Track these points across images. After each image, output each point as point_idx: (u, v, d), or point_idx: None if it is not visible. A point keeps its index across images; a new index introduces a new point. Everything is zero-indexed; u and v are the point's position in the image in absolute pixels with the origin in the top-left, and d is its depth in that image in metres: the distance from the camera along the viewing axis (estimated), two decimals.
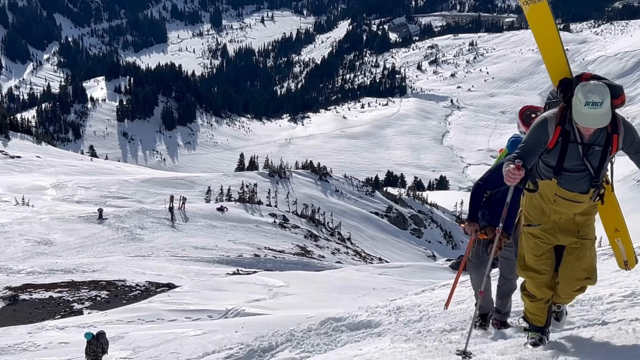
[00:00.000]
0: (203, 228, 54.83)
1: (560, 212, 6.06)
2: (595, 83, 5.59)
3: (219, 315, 21.77)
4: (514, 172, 5.66)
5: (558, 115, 5.83)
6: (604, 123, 5.53)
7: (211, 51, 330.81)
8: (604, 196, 6.10)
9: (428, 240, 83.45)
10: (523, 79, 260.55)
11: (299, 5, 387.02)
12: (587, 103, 5.42)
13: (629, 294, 7.78)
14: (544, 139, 5.83)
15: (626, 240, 6.69)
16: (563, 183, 5.90)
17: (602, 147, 5.76)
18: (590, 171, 5.83)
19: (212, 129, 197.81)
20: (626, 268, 6.79)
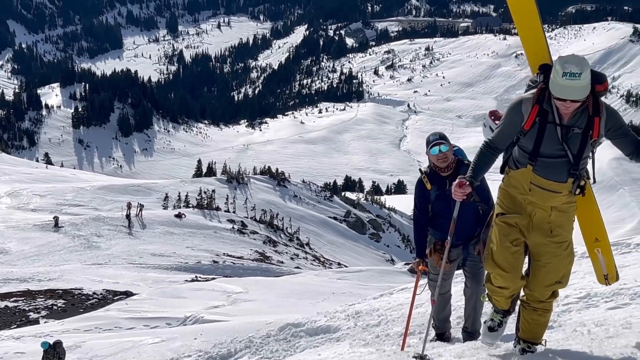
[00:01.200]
0: (161, 235, 54.47)
1: (535, 204, 5.66)
2: (575, 54, 5.29)
3: (177, 323, 21.65)
4: (461, 190, 5.62)
5: (536, 94, 5.52)
6: (581, 95, 5.18)
7: (167, 57, 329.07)
8: (584, 189, 5.69)
9: (386, 244, 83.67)
10: (479, 83, 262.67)
11: (255, 10, 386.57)
12: (565, 74, 5.10)
13: (584, 296, 7.87)
14: (518, 122, 5.53)
15: (607, 252, 6.28)
16: (539, 170, 5.53)
17: (583, 130, 5.42)
18: (569, 157, 5.46)
19: (169, 135, 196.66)
20: (606, 283, 6.41)
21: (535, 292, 5.79)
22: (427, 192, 7.29)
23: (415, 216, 7.55)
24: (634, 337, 5.94)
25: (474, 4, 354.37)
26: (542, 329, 5.95)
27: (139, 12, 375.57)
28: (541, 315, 5.89)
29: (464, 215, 6.86)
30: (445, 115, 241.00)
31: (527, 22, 6.19)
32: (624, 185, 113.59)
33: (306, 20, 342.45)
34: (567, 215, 5.74)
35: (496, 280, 5.87)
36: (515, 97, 5.78)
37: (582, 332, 6.49)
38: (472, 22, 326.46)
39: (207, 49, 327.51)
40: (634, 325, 6.37)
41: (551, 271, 5.71)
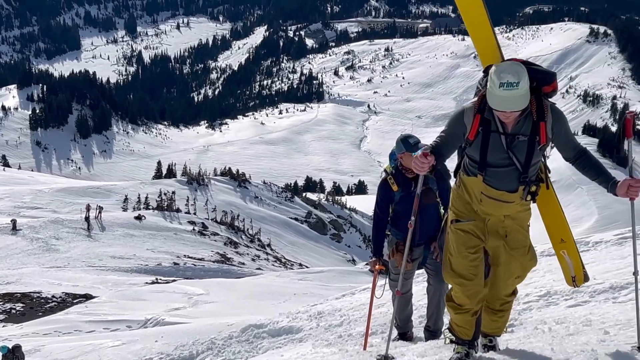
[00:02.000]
0: (120, 237, 54.07)
1: (487, 214, 5.54)
2: (511, 62, 5.12)
3: (138, 325, 21.50)
4: (422, 160, 5.28)
5: (477, 103, 5.32)
6: (520, 105, 4.99)
7: (126, 58, 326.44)
8: (536, 194, 5.51)
9: (348, 244, 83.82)
10: (438, 83, 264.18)
11: (214, 11, 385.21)
12: (502, 84, 4.91)
13: (544, 294, 7.93)
14: (460, 131, 5.37)
15: (573, 253, 6.19)
16: (489, 180, 5.37)
17: (528, 137, 5.22)
18: (517, 165, 5.28)
19: (129, 136, 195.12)
20: (574, 285, 6.34)
21: (495, 289, 5.71)
22: (391, 193, 7.25)
23: (375, 215, 7.45)
24: (594, 334, 6.00)
25: (433, 5, 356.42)
26: (503, 324, 5.97)
27: (97, 13, 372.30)
28: (501, 317, 5.88)
29: (426, 216, 7.02)
30: (405, 115, 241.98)
31: (475, 20, 6.03)
32: (581, 184, 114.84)
33: (266, 21, 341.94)
34: (521, 222, 5.65)
35: (457, 293, 5.67)
36: (458, 108, 5.60)
37: (543, 329, 6.55)
38: (431, 22, 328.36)
39: (166, 50, 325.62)
40: (593, 322, 6.43)
41: (511, 267, 5.63)
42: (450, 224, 5.69)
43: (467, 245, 5.55)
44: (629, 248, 10.13)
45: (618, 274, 8.01)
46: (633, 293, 7.10)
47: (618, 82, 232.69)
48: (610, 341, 5.72)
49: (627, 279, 7.54)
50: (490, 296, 5.77)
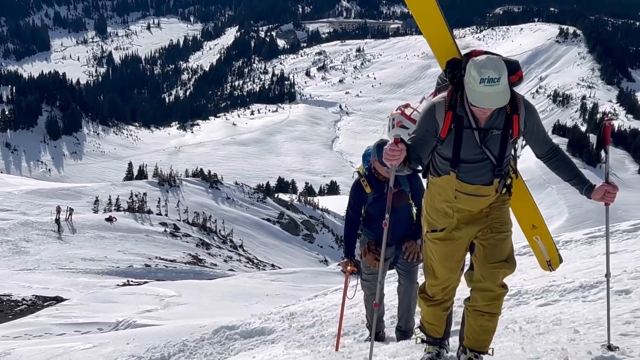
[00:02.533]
0: (91, 239, 53.73)
1: (464, 210, 5.33)
2: (490, 57, 4.88)
3: (109, 328, 21.33)
4: (393, 148, 4.92)
5: (447, 99, 5.11)
6: (503, 102, 4.82)
7: (96, 59, 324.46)
8: (511, 187, 5.35)
9: (320, 245, 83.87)
10: (409, 84, 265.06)
11: (185, 12, 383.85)
12: (483, 80, 4.71)
13: (515, 293, 7.97)
14: (433, 128, 5.12)
15: (546, 237, 6.15)
16: (462, 176, 5.17)
17: (502, 131, 5.07)
18: (491, 159, 5.12)
19: (99, 138, 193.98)
20: (550, 269, 6.32)
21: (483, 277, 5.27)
22: (364, 195, 7.22)
23: (348, 217, 7.38)
24: (564, 333, 6.04)
25: (404, 6, 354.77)
26: (489, 335, 5.50)
27: (67, 14, 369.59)
28: (489, 320, 5.41)
29: (398, 218, 6.98)
30: (376, 116, 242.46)
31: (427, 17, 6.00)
32: (551, 184, 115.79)
33: (237, 21, 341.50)
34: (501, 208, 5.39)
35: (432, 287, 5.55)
36: (428, 102, 5.39)
37: (514, 329, 6.58)
38: (402, 23, 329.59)
39: (137, 51, 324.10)
40: (563, 321, 6.47)
41: (497, 247, 5.28)
42: (426, 232, 5.51)
43: (447, 254, 5.40)
44: (598, 247, 10.23)
45: (588, 273, 8.08)
46: (602, 292, 7.16)
47: (587, 82, 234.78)
48: (580, 340, 5.76)
49: (596, 278, 7.61)
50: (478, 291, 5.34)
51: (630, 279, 7.29)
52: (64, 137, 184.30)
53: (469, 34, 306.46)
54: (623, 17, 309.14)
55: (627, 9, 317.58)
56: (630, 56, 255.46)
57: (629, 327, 5.84)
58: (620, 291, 7.02)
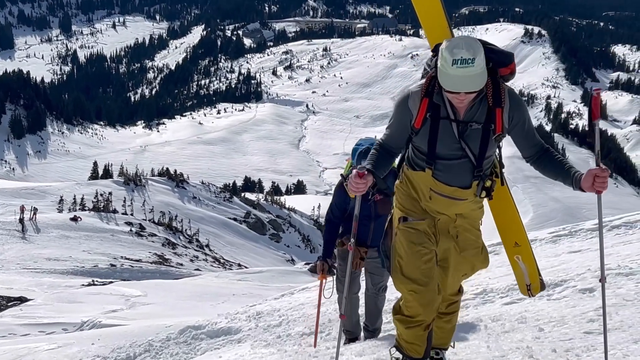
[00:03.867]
0: (56, 239, 53.28)
1: (438, 212, 4.95)
2: (464, 37, 4.48)
3: (74, 328, 21.18)
4: (357, 181, 4.63)
5: (425, 85, 4.69)
6: (476, 85, 4.36)
7: (61, 57, 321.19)
8: (491, 190, 4.88)
9: (287, 244, 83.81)
10: (376, 83, 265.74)
11: (151, 10, 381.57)
12: (455, 61, 4.27)
13: (480, 292, 8.02)
14: (407, 119, 4.73)
15: (528, 259, 5.63)
16: (439, 175, 4.76)
17: (483, 125, 4.61)
18: (470, 157, 4.68)
19: (64, 137, 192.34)
20: (529, 294, 5.82)
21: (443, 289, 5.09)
22: (347, 199, 6.94)
23: (329, 217, 7.18)
24: (529, 332, 6.08)
25: (370, 5, 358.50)
26: (450, 333, 5.40)
27: (31, 12, 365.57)
28: (448, 321, 5.32)
29: (380, 223, 6.72)
30: (343, 115, 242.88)
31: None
32: (517, 183, 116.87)
33: (203, 20, 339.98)
34: (472, 221, 5.08)
35: (410, 302, 5.00)
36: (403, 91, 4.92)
37: (479, 327, 6.61)
38: (368, 23, 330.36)
39: (102, 49, 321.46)
40: (528, 319, 6.52)
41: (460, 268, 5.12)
42: (398, 223, 5.05)
43: (419, 242, 4.93)
44: (562, 246, 10.32)
45: (552, 272, 8.14)
46: (566, 290, 7.23)
47: (552, 82, 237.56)
48: (544, 338, 5.81)
49: (561, 277, 7.67)
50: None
51: (594, 278, 7.37)
52: (28, 136, 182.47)
53: None
54: (587, 17, 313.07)
55: (591, 10, 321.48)
56: (594, 56, 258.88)
57: (593, 325, 5.90)
58: (584, 289, 7.09)
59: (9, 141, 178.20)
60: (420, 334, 5.09)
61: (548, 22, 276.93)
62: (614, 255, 8.38)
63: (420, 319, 5.01)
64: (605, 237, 10.24)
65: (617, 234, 10.53)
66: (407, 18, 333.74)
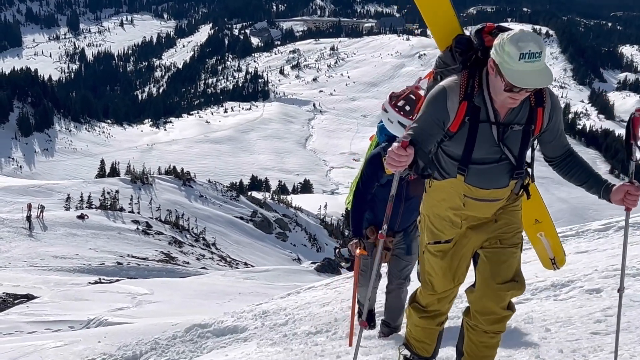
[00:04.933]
0: (63, 237, 53.37)
1: (474, 218, 4.64)
2: (524, 30, 4.15)
3: (80, 326, 21.20)
4: (399, 153, 4.11)
5: (462, 85, 4.33)
6: (547, 81, 4.03)
7: (69, 55, 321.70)
8: (528, 188, 4.66)
9: (293, 243, 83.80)
10: (383, 83, 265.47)
11: (159, 9, 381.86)
12: (523, 55, 3.94)
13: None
14: (442, 119, 4.35)
15: (551, 233, 5.62)
16: (472, 180, 4.44)
17: (524, 127, 4.36)
18: (510, 160, 4.42)
19: (71, 135, 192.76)
20: (554, 267, 5.81)
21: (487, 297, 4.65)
22: (380, 173, 6.33)
23: (358, 191, 6.50)
24: (535, 332, 6.08)
25: (378, 5, 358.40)
26: (492, 352, 4.95)
27: (39, 10, 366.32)
28: (492, 337, 4.87)
29: (410, 206, 6.36)
30: (350, 114, 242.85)
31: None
32: None
33: (211, 19, 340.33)
34: (512, 211, 4.72)
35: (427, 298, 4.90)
36: (437, 85, 4.49)
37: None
38: (376, 22, 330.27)
39: (110, 48, 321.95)
40: (535, 319, 6.51)
41: (504, 263, 4.64)
42: (427, 244, 4.78)
43: (450, 269, 4.72)
44: (569, 246, 10.29)
45: (559, 272, 8.12)
46: (573, 291, 7.21)
47: (560, 82, 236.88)
48: (551, 338, 5.81)
49: (567, 277, 7.66)
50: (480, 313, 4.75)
51: (601, 278, 7.35)
52: (36, 134, 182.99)
53: None
54: (595, 17, 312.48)
55: (599, 10, 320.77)
56: (602, 57, 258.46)
57: (600, 325, 5.89)
58: (591, 290, 7.08)
59: (17, 139, 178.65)
60: (432, 330, 5.00)
61: (556, 22, 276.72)
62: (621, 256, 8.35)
63: (433, 310, 4.93)
64: (613, 238, 10.23)
65: None
66: (415, 17, 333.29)
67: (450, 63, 4.67)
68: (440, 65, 4.75)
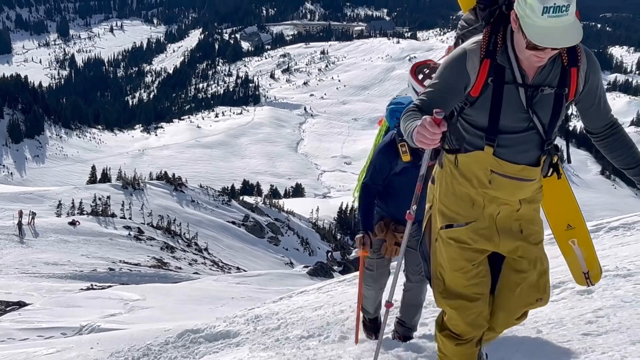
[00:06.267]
0: (54, 243, 53.25)
1: (499, 201, 4.06)
2: None
3: (73, 332, 21.16)
4: (432, 129, 3.48)
5: (483, 42, 3.82)
6: (574, 39, 3.51)
7: (59, 61, 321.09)
8: (559, 168, 4.18)
9: (285, 247, 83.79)
10: (374, 86, 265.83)
11: (148, 14, 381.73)
12: (547, 9, 3.41)
13: None
14: (462, 83, 3.85)
15: (585, 241, 4.85)
16: (502, 152, 3.92)
17: (555, 90, 3.83)
18: (538, 129, 3.90)
19: (62, 141, 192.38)
20: (587, 283, 5.03)
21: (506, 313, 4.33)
22: (394, 162, 5.74)
23: (366, 186, 5.91)
24: (527, 333, 6.09)
25: (368, 8, 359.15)
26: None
27: (29, 16, 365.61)
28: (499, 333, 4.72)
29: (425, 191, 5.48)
30: (341, 118, 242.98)
31: None
32: None
33: (201, 23, 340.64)
34: (537, 206, 4.24)
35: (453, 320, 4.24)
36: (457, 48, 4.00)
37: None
38: (366, 25, 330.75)
39: (100, 53, 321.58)
40: (526, 321, 6.48)
41: (534, 279, 4.20)
42: (440, 229, 4.18)
43: (462, 264, 4.12)
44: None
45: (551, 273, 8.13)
46: (565, 292, 7.22)
47: None
48: (543, 340, 5.82)
49: (559, 278, 7.67)
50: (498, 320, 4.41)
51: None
52: (26, 141, 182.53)
53: (432, 36, 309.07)
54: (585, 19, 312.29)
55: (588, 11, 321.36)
56: None
57: (591, 326, 5.90)
58: (582, 291, 7.09)
59: (7, 145, 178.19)
60: (471, 352, 4.41)
61: None
62: (612, 257, 8.37)
63: (470, 337, 4.31)
64: (603, 239, 10.26)
65: (615, 235, 10.52)
66: (405, 21, 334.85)
67: (473, 22, 4.16)
68: (462, 27, 4.25)
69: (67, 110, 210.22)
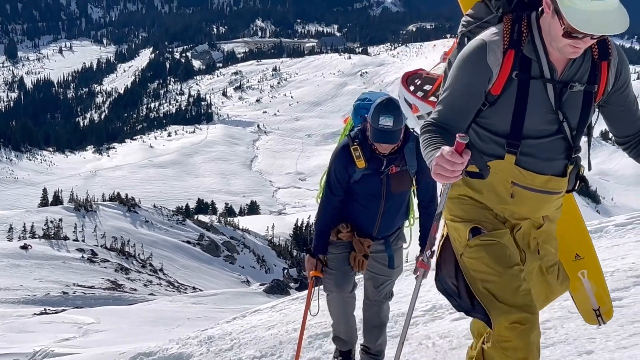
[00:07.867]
0: (6, 268, 52.57)
1: (521, 216, 3.54)
2: None
3: (26, 358, 20.90)
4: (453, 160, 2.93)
5: (505, 32, 3.28)
6: (622, 26, 2.96)
7: (7, 84, 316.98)
8: (586, 180, 3.65)
9: (241, 265, 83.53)
10: (326, 102, 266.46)
11: (98, 34, 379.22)
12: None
13: (430, 308, 8.04)
14: (484, 80, 3.28)
15: (596, 274, 4.17)
16: (526, 161, 3.38)
17: (585, 87, 3.32)
18: (566, 133, 3.38)
19: (12, 164, 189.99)
20: (599, 321, 4.25)
21: None
22: (351, 167, 5.22)
23: (326, 197, 5.39)
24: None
25: (318, 25, 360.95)
26: None
27: None
28: None
29: (392, 205, 5.33)
30: (295, 134, 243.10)
31: None
32: None
33: (151, 43, 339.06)
34: (555, 226, 3.73)
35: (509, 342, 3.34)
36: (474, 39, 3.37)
37: (427, 345, 6.63)
38: (317, 42, 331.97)
39: (49, 75, 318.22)
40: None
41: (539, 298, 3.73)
42: (468, 240, 3.47)
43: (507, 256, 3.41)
44: None
45: None
46: None
47: None
48: None
49: None
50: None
51: None
52: None
53: (383, 51, 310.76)
54: None
55: None
56: None
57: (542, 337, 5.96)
58: None
59: None
60: None
61: None
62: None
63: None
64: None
65: None
66: (355, 36, 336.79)
67: (483, 15, 3.57)
68: (468, 24, 3.64)
69: (17, 132, 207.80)
